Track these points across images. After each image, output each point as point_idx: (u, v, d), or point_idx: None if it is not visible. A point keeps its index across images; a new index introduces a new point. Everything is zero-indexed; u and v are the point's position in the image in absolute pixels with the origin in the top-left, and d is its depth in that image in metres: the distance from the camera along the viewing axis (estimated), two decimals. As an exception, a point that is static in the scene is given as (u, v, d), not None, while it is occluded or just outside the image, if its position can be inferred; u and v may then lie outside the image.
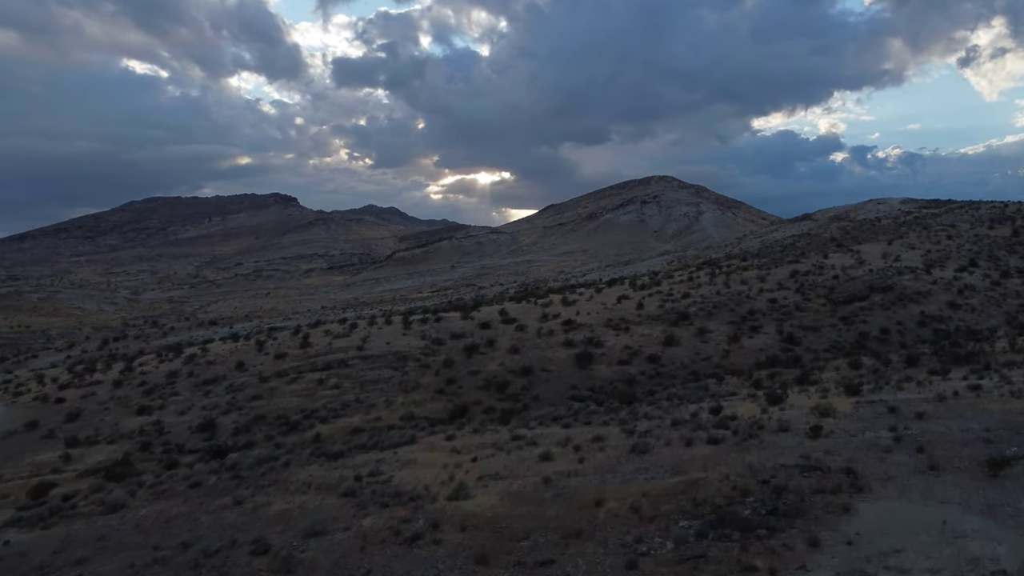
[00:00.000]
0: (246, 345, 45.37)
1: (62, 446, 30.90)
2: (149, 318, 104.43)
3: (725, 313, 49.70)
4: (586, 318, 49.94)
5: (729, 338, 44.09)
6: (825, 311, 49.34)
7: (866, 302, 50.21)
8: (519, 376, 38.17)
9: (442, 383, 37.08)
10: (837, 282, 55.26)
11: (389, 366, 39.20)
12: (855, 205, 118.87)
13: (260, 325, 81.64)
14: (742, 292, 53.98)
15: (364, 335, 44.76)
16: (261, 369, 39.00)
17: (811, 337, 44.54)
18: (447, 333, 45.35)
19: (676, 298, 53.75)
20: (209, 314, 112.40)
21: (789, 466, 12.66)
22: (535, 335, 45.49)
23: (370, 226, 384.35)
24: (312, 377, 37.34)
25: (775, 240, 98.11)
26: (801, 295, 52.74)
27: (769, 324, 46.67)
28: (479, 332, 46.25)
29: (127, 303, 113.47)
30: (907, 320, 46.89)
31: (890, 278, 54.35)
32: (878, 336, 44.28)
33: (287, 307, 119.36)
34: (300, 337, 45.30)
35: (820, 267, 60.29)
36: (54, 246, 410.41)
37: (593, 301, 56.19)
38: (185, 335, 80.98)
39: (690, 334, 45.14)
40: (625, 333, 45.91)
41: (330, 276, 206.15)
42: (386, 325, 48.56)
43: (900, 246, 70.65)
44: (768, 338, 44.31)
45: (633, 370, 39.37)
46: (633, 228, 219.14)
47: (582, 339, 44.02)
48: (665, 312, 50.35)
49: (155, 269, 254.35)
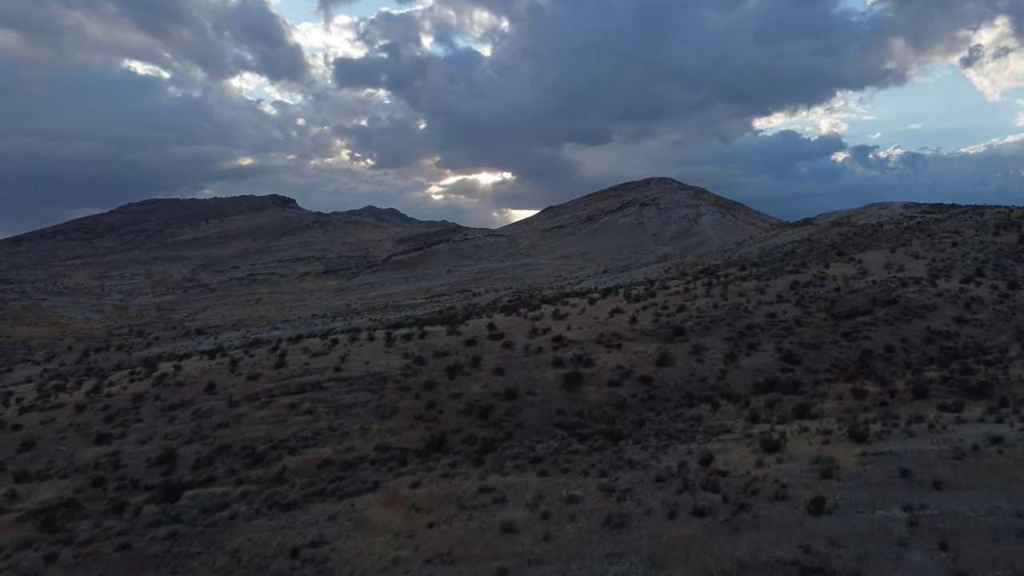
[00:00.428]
0: (220, 364, 43.37)
1: (11, 480, 28.90)
2: (135, 327, 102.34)
3: (722, 328, 47.69)
4: (577, 333, 47.95)
5: (726, 356, 42.06)
6: (826, 326, 47.28)
7: (869, 316, 48.15)
8: (503, 400, 36.15)
9: (422, 407, 35.07)
10: (839, 294, 53.20)
11: (367, 388, 37.17)
12: (856, 210, 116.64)
13: (246, 335, 79.72)
14: (740, 305, 51.95)
15: (344, 353, 42.74)
16: (232, 392, 36.98)
17: (812, 355, 42.49)
18: (431, 351, 43.35)
19: (671, 311, 51.74)
20: (197, 322, 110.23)
21: (786, 562, 10.63)
22: (522, 352, 43.50)
23: (368, 228, 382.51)
24: (284, 401, 35.32)
25: (775, 246, 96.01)
26: (801, 308, 50.70)
27: (768, 341, 44.63)
28: (464, 350, 44.26)
29: (114, 311, 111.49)
30: (912, 336, 44.81)
31: (894, 290, 52.26)
32: (882, 354, 42.21)
33: (277, 315, 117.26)
34: (277, 355, 43.31)
35: (821, 278, 58.22)
36: (51, 248, 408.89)
37: (585, 314, 54.17)
38: (168, 346, 78.98)
39: (685, 351, 43.12)
40: (617, 350, 43.91)
41: (325, 280, 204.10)
42: (368, 342, 46.55)
43: (903, 255, 68.55)
44: (767, 356, 42.28)
45: (624, 392, 37.35)
46: (632, 231, 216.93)
47: (571, 357, 42.02)
48: (660, 327, 48.34)
49: (150, 272, 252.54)
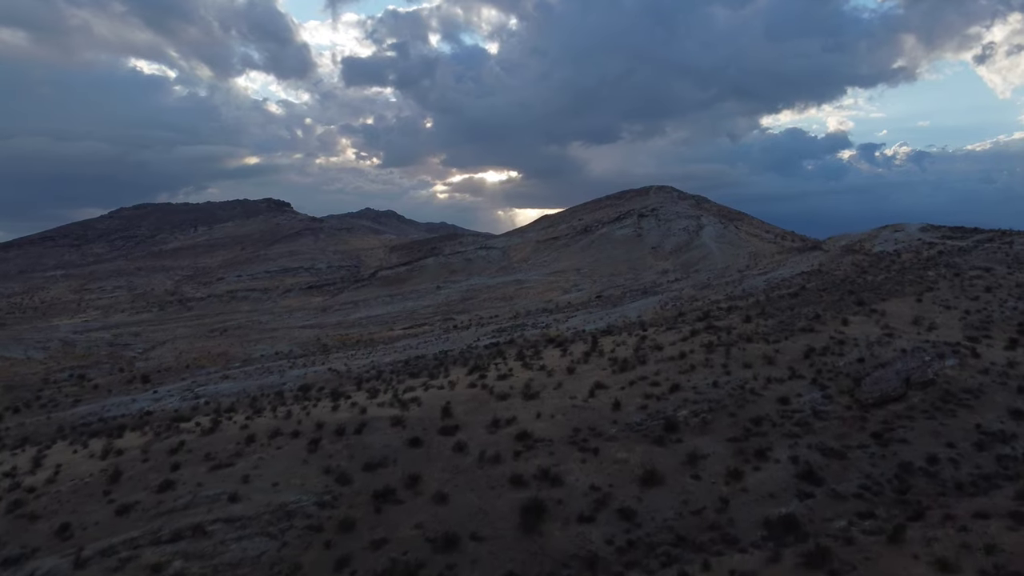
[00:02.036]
0: (102, 473, 35.09)
1: None
2: (77, 370, 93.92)
3: (724, 419, 39.32)
4: (548, 425, 39.66)
5: (728, 472, 33.61)
6: (851, 419, 38.83)
7: (902, 405, 39.71)
8: (439, 551, 27.75)
9: (330, 567, 26.72)
10: (863, 368, 44.79)
11: (264, 532, 28.78)
12: (869, 232, 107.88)
13: (191, 387, 71.31)
14: (745, 383, 43.57)
15: (252, 465, 34.39)
16: (86, 538, 28.61)
17: (836, 468, 34.03)
18: (361, 460, 35.02)
19: (663, 390, 43.39)
20: (149, 363, 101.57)
21: None
22: (476, 462, 35.15)
23: (362, 235, 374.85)
24: (148, 559, 26.89)
25: (782, 279, 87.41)
26: (819, 389, 42.28)
27: (781, 444, 36.20)
28: (405, 456, 35.95)
29: (60, 348, 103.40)
30: (959, 438, 36.30)
31: (929, 365, 43.76)
32: (924, 468, 33.71)
33: (240, 351, 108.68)
34: (171, 463, 35.01)
35: (840, 342, 49.77)
36: (39, 255, 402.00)
37: (562, 390, 45.84)
38: (100, 402, 70.53)
39: (677, 462, 34.72)
40: (594, 457, 35.54)
41: (309, 297, 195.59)
42: (292, 440, 38.24)
43: (932, 303, 60.04)
44: (780, 470, 33.83)
45: (597, 535, 28.93)
46: (630, 243, 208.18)
47: (535, 472, 33.66)
48: (648, 417, 39.96)
49: (132, 285, 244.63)
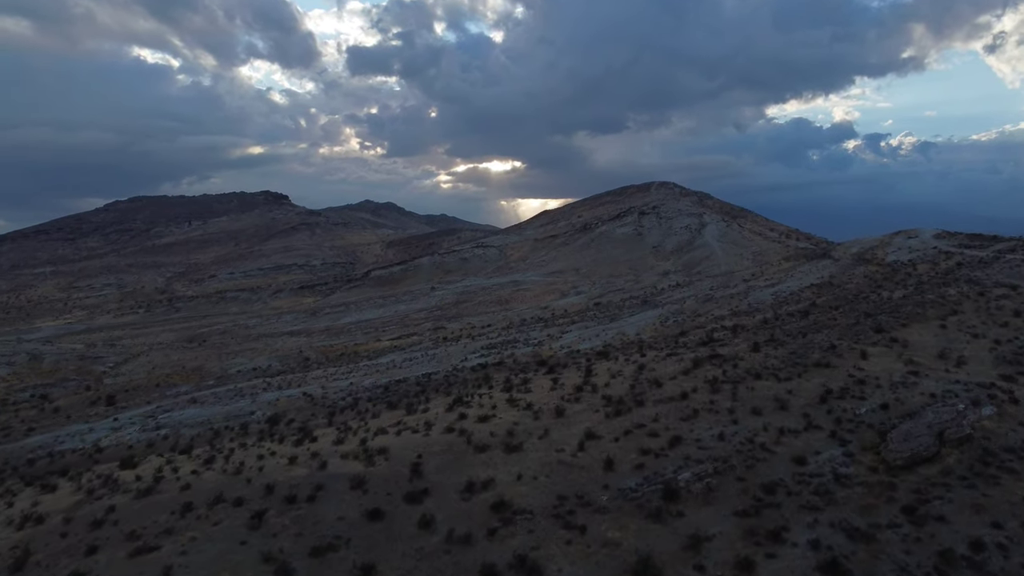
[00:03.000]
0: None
1: None
2: (40, 388, 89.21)
3: (731, 485, 34.25)
4: (529, 490, 34.66)
5: (738, 561, 28.55)
6: (879, 486, 33.70)
7: (936, 468, 34.59)
8: None
9: None
10: (888, 417, 39.68)
11: (176, 652, 23.77)
12: (881, 239, 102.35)
13: (155, 413, 66.57)
14: (755, 435, 38.48)
15: (179, 550, 29.38)
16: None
17: (863, 557, 28.94)
18: (308, 545, 30.03)
19: (662, 444, 38.36)
20: (119, 378, 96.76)
21: None
22: (442, 544, 30.14)
23: (359, 230, 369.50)
24: None
25: (791, 292, 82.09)
26: (840, 445, 37.19)
27: (798, 521, 31.12)
28: (361, 533, 30.93)
29: (27, 363, 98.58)
30: (1005, 515, 31.17)
31: (964, 415, 38.58)
32: (968, 557, 28.61)
33: (216, 365, 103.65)
34: (85, 549, 30.01)
35: (860, 382, 44.59)
36: (32, 250, 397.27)
37: (548, 440, 40.77)
38: (54, 432, 65.84)
39: (678, 546, 29.68)
40: (581, 537, 30.53)
41: (300, 297, 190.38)
42: (233, 511, 33.19)
43: (957, 330, 54.79)
44: (798, 559, 28.76)
45: (580, 656, 23.93)
46: (630, 242, 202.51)
47: (511, 560, 28.67)
48: (645, 481, 34.92)
49: (123, 282, 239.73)
